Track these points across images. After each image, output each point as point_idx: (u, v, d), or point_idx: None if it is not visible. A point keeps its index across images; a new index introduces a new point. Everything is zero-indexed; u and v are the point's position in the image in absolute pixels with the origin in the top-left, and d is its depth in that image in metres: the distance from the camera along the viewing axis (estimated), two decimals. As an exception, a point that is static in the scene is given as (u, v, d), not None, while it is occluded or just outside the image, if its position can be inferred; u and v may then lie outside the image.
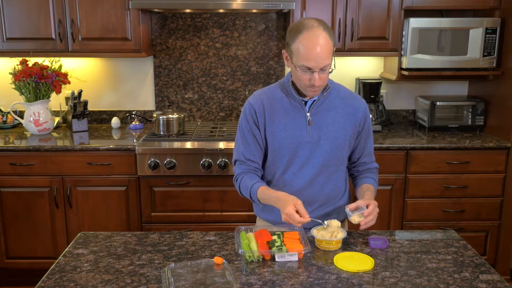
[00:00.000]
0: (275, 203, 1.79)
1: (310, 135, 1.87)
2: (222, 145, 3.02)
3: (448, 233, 1.89)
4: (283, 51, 1.85)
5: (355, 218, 1.77)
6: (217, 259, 1.60)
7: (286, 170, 1.91)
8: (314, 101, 1.89)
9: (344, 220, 2.07)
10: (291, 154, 1.88)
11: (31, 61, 3.27)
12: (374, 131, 3.40)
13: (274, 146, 1.90)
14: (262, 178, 1.99)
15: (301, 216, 1.68)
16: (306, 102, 1.89)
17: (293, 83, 1.89)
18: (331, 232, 1.76)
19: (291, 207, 1.69)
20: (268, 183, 1.97)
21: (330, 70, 1.79)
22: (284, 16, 3.53)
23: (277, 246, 1.64)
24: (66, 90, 3.53)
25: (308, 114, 1.88)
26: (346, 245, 1.77)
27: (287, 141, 1.88)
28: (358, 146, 1.99)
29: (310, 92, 1.84)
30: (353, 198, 3.13)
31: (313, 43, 1.71)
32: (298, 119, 1.88)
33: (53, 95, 3.43)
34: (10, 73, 3.27)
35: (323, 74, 1.77)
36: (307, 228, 1.83)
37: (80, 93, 3.42)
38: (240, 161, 1.95)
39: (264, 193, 1.84)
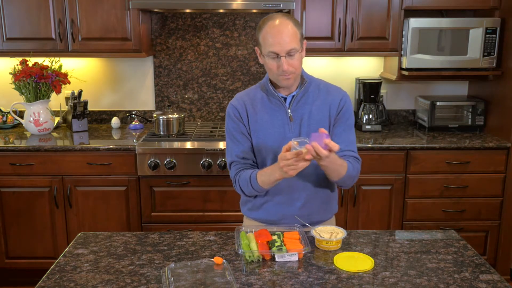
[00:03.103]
0: (274, 172, 1.77)
1: (291, 131, 1.88)
2: (222, 145, 3.02)
3: (448, 233, 1.89)
4: (256, 48, 1.88)
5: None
6: (217, 259, 1.60)
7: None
8: (293, 96, 1.90)
9: (332, 217, 2.06)
10: (275, 151, 1.88)
11: (31, 61, 3.27)
12: (374, 131, 3.40)
13: (259, 145, 1.92)
14: None
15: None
16: (286, 99, 1.91)
17: (271, 81, 1.91)
18: (331, 232, 1.76)
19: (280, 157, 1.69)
20: None
21: (300, 58, 1.80)
22: (284, 16, 3.52)
23: (277, 246, 1.64)
24: (66, 90, 3.53)
25: (289, 110, 1.89)
26: (346, 245, 1.77)
27: (270, 138, 1.89)
28: (332, 132, 1.92)
29: (282, 81, 1.84)
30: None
31: (276, 29, 1.77)
32: (279, 116, 1.90)
33: (53, 95, 3.43)
34: (10, 73, 3.27)
35: (291, 60, 1.78)
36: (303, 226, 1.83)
37: (80, 93, 3.42)
38: (234, 162, 1.95)
39: (262, 174, 1.84)
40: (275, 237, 1.70)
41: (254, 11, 3.44)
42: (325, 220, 2.01)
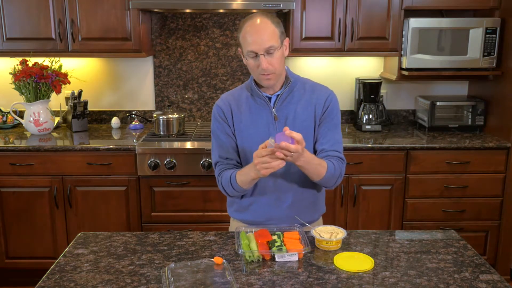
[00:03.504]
0: (250, 170, 1.77)
1: (276, 130, 1.88)
2: (222, 145, 3.01)
3: (448, 233, 1.89)
4: (239, 49, 1.87)
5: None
6: (217, 259, 1.60)
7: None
8: (278, 96, 1.89)
9: (319, 218, 2.05)
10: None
11: (31, 61, 3.27)
12: (374, 131, 3.40)
13: (243, 145, 1.91)
14: None
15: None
16: (270, 99, 1.90)
17: (256, 81, 1.91)
18: (331, 232, 1.76)
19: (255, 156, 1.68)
20: None
21: (280, 56, 1.79)
22: (284, 16, 3.52)
23: (277, 246, 1.64)
24: (66, 90, 3.53)
25: (274, 109, 1.89)
26: (346, 245, 1.77)
27: (255, 138, 1.88)
28: (318, 131, 1.91)
29: (264, 81, 1.83)
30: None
31: (254, 29, 1.78)
32: (264, 116, 1.89)
33: (53, 95, 3.43)
34: (10, 73, 3.27)
35: (270, 58, 1.78)
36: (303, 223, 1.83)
37: (80, 93, 3.42)
38: (219, 162, 1.95)
39: (240, 173, 1.84)
40: (275, 237, 1.70)
41: (254, 11, 3.43)
42: (312, 221, 1.99)
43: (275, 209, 1.93)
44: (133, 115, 3.59)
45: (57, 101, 3.63)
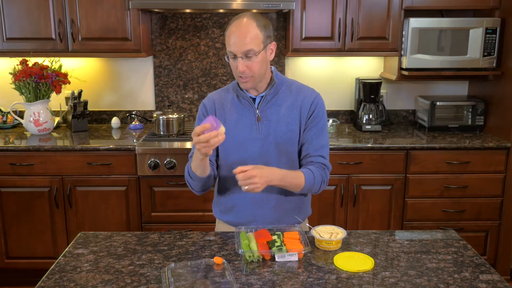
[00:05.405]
0: (195, 154, 1.76)
1: (259, 132, 1.87)
2: (222, 145, 3.01)
3: (448, 233, 1.89)
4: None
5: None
6: (217, 259, 1.60)
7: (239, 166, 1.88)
8: (262, 97, 1.89)
9: (305, 220, 2.04)
10: (242, 151, 1.87)
11: (31, 61, 3.27)
12: (374, 131, 3.40)
13: (225, 144, 1.86)
14: (218, 176, 1.98)
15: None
16: (255, 100, 1.90)
17: None
18: (331, 232, 1.76)
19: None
20: (225, 182, 1.95)
21: (260, 61, 1.78)
22: (284, 16, 3.53)
23: (277, 246, 1.64)
24: (66, 90, 3.53)
25: (257, 110, 1.89)
26: (346, 245, 1.77)
27: (237, 138, 1.87)
28: (304, 136, 1.90)
29: (242, 83, 1.83)
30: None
31: (237, 30, 1.75)
32: (247, 116, 1.89)
33: (53, 95, 3.43)
34: (10, 73, 3.27)
35: (248, 61, 1.76)
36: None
37: (80, 93, 3.42)
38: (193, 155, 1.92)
39: (192, 160, 1.82)
40: (275, 237, 1.70)
41: (254, 11, 3.43)
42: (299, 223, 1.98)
43: (259, 210, 1.92)
44: (133, 115, 3.59)
45: (57, 101, 3.63)
